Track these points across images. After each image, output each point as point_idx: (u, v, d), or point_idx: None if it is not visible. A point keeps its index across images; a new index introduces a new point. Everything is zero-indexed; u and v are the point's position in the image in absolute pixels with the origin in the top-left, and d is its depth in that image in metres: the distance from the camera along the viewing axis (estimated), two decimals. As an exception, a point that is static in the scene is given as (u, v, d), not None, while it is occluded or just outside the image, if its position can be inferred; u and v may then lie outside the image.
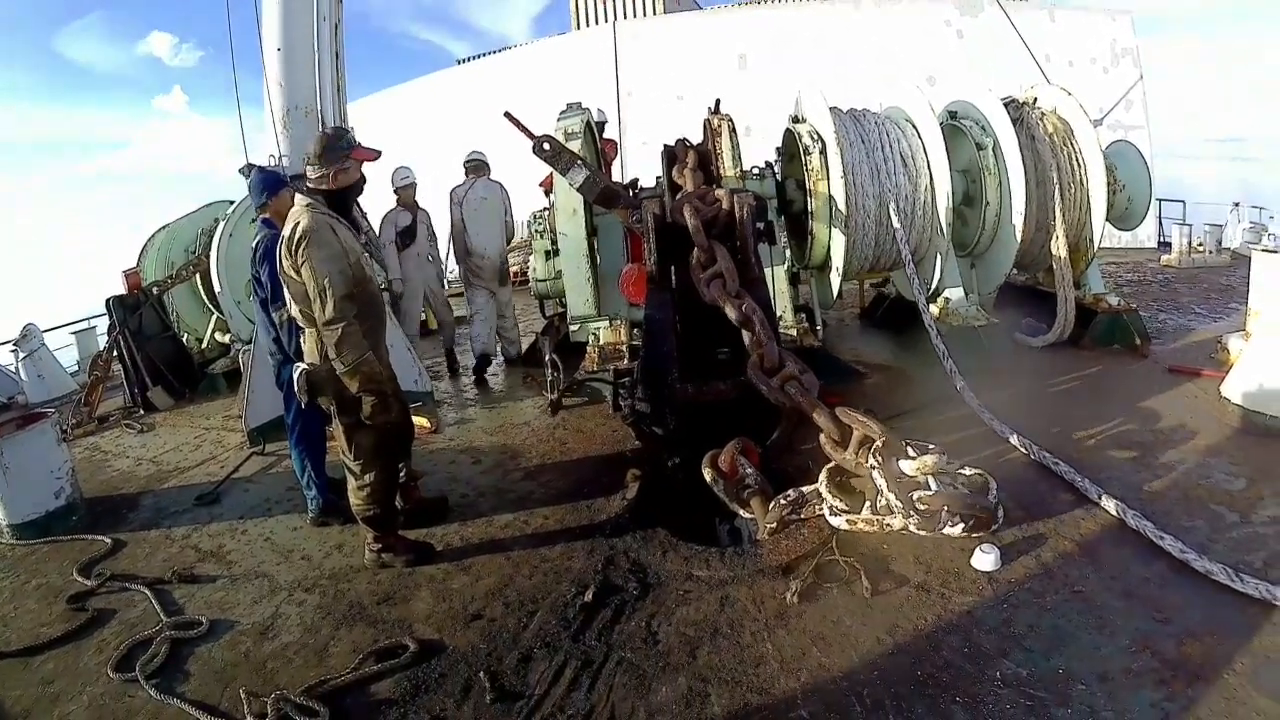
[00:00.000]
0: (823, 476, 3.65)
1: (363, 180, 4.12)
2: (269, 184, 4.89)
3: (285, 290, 3.84)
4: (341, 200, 3.94)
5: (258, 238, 4.83)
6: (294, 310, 3.84)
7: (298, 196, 3.92)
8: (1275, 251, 6.85)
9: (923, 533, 3.47)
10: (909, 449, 3.58)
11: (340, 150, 3.88)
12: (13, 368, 11.56)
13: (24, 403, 10.93)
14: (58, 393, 11.08)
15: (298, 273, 3.65)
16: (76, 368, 12.56)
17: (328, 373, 3.74)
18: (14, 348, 11.50)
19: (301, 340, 3.98)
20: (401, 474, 4.37)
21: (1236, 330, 6.42)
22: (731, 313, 4.02)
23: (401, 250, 7.75)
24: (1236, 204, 17.03)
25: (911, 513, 3.39)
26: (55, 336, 12.81)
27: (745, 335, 4.00)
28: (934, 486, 3.47)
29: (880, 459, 3.46)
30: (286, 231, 3.68)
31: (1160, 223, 16.21)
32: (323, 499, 4.78)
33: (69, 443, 6.78)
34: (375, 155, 4.08)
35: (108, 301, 9.14)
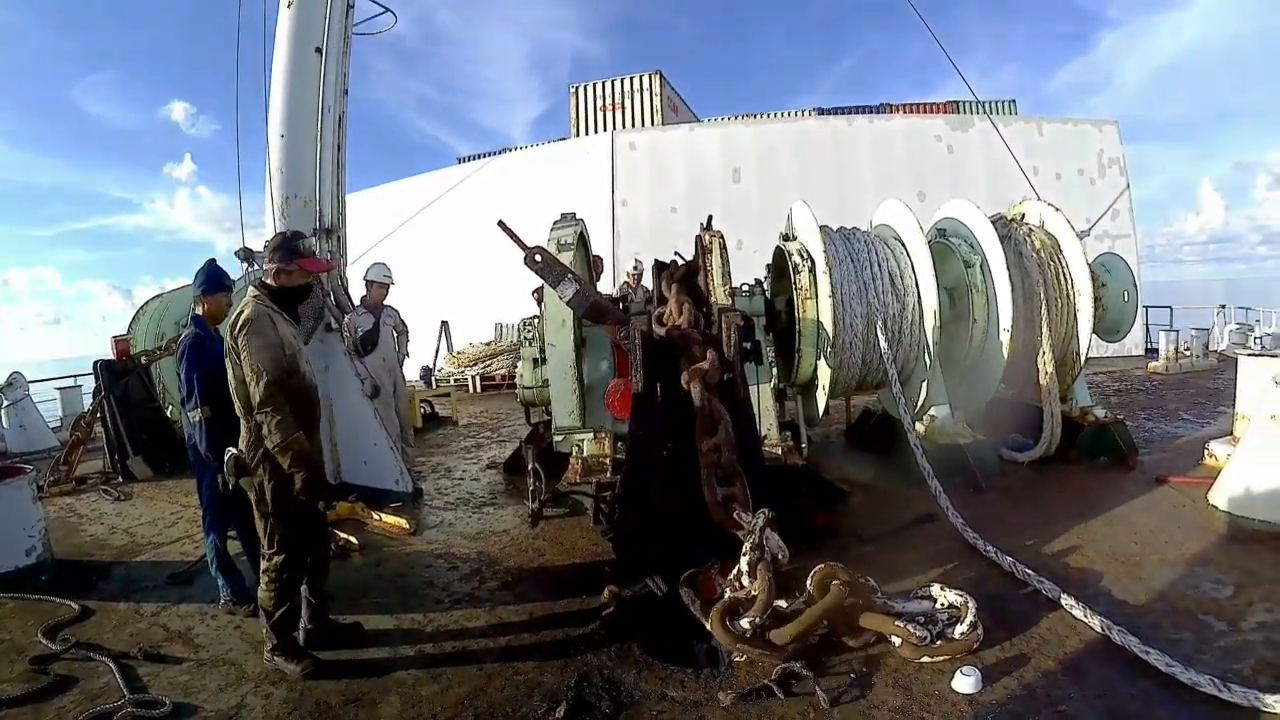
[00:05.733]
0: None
1: (308, 288, 4.37)
2: (210, 281, 4.91)
3: (230, 375, 3.92)
4: (287, 297, 4.14)
5: (183, 335, 4.88)
6: (234, 399, 3.94)
7: (250, 288, 4.09)
8: (1260, 355, 6.93)
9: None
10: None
11: (289, 253, 4.09)
12: (-5, 413, 11.56)
13: (2, 450, 10.88)
14: (38, 446, 11.13)
15: (238, 357, 3.83)
16: (59, 423, 12.48)
17: (256, 460, 3.85)
18: (-1, 394, 11.51)
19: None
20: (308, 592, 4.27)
21: (1223, 435, 6.49)
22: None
23: (364, 356, 7.66)
24: (1223, 306, 17.24)
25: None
26: (40, 389, 12.79)
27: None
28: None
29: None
30: (231, 317, 3.96)
31: (1147, 329, 16.41)
32: (232, 587, 4.86)
33: (44, 501, 6.75)
34: (325, 268, 4.27)
35: (96, 365, 9.19)
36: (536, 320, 6.92)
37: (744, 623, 3.61)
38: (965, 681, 3.34)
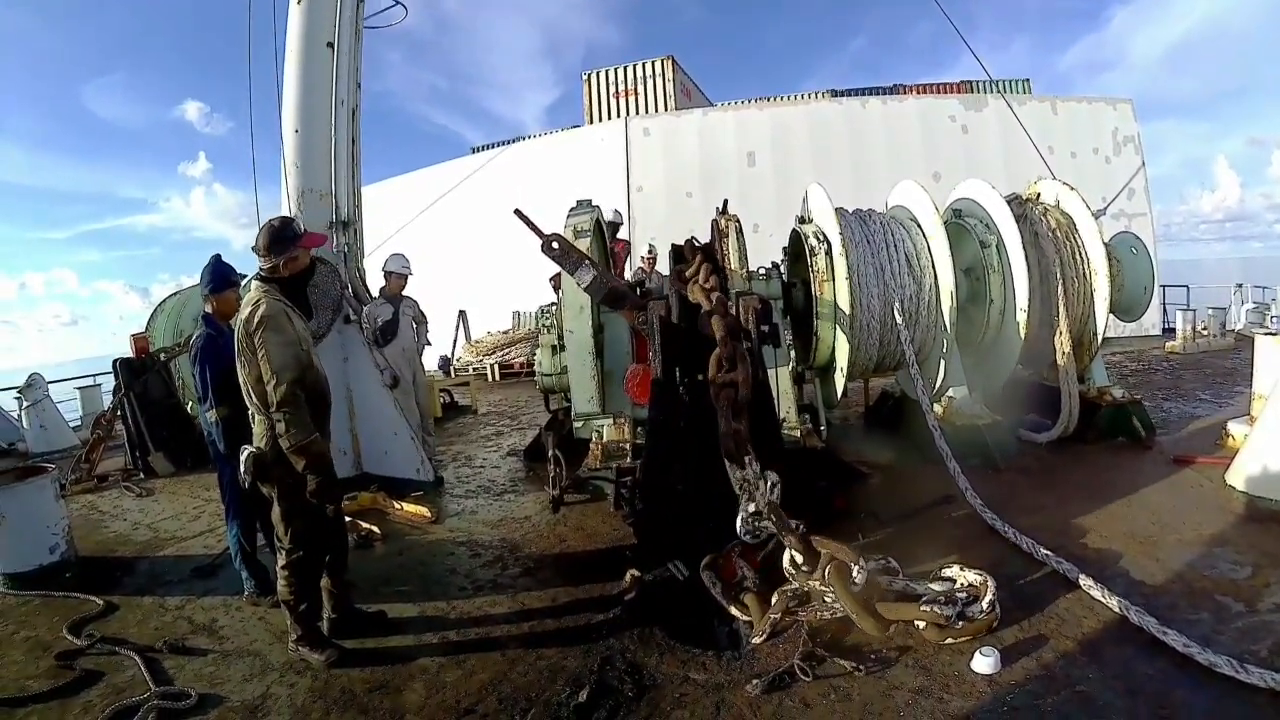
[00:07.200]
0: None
1: (312, 265, 4.34)
2: (217, 279, 4.89)
3: (241, 372, 3.89)
4: (295, 286, 4.11)
5: (195, 335, 4.88)
6: (246, 396, 3.91)
7: (255, 282, 4.04)
8: (1277, 334, 6.89)
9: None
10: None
11: (288, 240, 4.04)
12: (16, 415, 11.66)
13: (24, 450, 10.99)
14: (58, 445, 11.17)
15: (254, 355, 3.78)
16: (79, 422, 12.57)
17: (273, 457, 3.84)
18: (18, 395, 11.62)
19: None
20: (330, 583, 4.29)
21: (1240, 415, 6.46)
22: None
23: (383, 346, 7.67)
24: (1239, 285, 17.08)
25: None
26: (60, 389, 12.90)
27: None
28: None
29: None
30: (244, 314, 3.83)
31: (1164, 309, 16.29)
32: (255, 579, 4.90)
33: (66, 499, 6.83)
34: (322, 240, 4.23)
35: (115, 363, 9.28)
36: (554, 307, 6.96)
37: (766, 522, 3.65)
38: (984, 662, 3.35)
